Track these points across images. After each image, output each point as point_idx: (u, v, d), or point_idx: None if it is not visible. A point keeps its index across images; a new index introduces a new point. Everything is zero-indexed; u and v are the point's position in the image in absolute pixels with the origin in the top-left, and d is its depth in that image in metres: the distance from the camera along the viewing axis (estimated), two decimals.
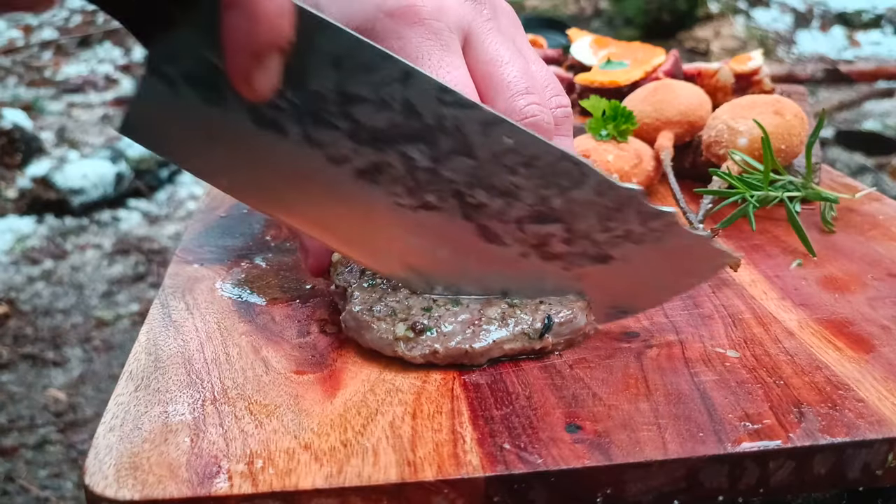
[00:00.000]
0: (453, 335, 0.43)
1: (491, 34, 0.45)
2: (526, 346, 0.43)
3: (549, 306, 0.44)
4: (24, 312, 1.85)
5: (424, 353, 0.42)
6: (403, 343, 0.42)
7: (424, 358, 0.42)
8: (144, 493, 0.34)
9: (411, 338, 0.42)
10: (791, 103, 0.64)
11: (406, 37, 0.43)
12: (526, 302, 0.44)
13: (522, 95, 0.44)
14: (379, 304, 0.44)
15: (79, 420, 1.50)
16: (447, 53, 0.43)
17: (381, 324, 0.43)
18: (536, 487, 0.35)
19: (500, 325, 0.43)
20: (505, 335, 0.43)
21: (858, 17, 3.83)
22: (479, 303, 0.44)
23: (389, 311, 0.44)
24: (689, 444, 0.36)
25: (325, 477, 0.35)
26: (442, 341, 0.42)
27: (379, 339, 0.43)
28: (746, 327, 0.47)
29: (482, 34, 0.45)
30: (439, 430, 0.38)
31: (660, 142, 0.67)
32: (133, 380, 0.43)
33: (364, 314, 0.44)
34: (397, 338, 0.43)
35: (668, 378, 0.42)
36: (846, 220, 0.62)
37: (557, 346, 0.44)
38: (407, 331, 0.43)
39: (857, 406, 0.39)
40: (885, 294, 0.51)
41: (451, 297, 0.45)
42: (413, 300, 0.44)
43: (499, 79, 0.44)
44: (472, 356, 0.42)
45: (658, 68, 0.79)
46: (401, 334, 0.43)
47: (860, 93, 2.94)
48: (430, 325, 0.43)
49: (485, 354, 0.43)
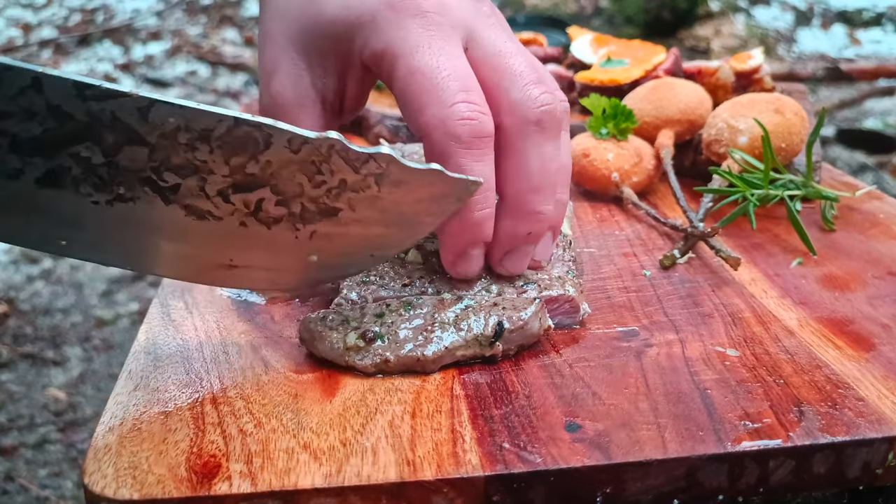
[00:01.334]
0: (405, 342, 0.42)
1: (494, 29, 0.46)
2: (477, 353, 0.43)
3: (502, 311, 0.43)
4: (24, 311, 1.85)
5: (376, 362, 0.42)
6: (354, 353, 0.42)
7: (376, 367, 0.42)
8: (144, 492, 0.34)
9: (362, 347, 0.42)
10: (791, 102, 0.64)
11: (407, 27, 0.43)
12: (480, 304, 0.44)
13: (535, 84, 0.43)
14: (332, 313, 0.44)
15: (78, 419, 1.50)
16: (447, 44, 0.43)
17: (332, 333, 0.43)
18: (536, 486, 0.35)
19: (453, 329, 0.43)
20: (457, 341, 0.42)
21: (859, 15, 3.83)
22: (432, 304, 0.44)
23: (342, 319, 0.43)
24: (689, 444, 0.36)
25: (325, 476, 0.35)
26: (393, 349, 0.42)
27: (330, 350, 0.42)
28: (746, 326, 0.47)
29: (486, 29, 0.45)
30: (439, 429, 0.38)
31: (660, 140, 0.67)
32: (132, 379, 0.43)
33: (317, 324, 0.43)
34: (348, 347, 0.42)
35: (667, 377, 0.42)
36: (846, 218, 0.62)
37: (509, 351, 0.43)
38: (357, 340, 0.42)
39: (857, 405, 0.39)
40: (886, 293, 0.51)
41: (405, 299, 0.45)
42: (369, 307, 0.44)
43: (510, 69, 0.44)
44: (424, 364, 0.42)
45: (658, 66, 0.79)
46: (351, 344, 0.42)
47: (861, 91, 2.93)
48: (382, 332, 0.42)
49: (437, 361, 0.42)
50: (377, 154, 0.38)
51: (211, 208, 0.39)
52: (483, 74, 0.44)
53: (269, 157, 0.38)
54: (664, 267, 0.55)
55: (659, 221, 0.60)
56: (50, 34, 4.24)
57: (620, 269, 0.55)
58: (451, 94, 0.41)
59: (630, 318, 0.48)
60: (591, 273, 0.54)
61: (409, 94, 0.42)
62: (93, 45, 4.14)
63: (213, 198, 0.39)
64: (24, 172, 0.37)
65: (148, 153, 0.37)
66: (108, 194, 0.38)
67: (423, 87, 0.42)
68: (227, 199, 0.39)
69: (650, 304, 0.50)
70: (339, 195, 0.39)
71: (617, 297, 0.51)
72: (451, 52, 0.43)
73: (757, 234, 0.60)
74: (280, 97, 0.47)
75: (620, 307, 0.49)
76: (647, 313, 0.48)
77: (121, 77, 3.74)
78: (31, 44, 4.11)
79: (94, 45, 4.14)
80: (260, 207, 0.39)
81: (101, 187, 0.38)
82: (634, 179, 0.66)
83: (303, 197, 0.39)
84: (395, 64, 0.42)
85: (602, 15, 4.05)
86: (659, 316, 0.48)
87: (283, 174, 0.38)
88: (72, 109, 0.35)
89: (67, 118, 0.35)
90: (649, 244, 0.59)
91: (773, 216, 0.62)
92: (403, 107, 0.43)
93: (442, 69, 0.42)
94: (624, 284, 0.52)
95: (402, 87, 0.42)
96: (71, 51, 4.08)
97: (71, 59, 3.97)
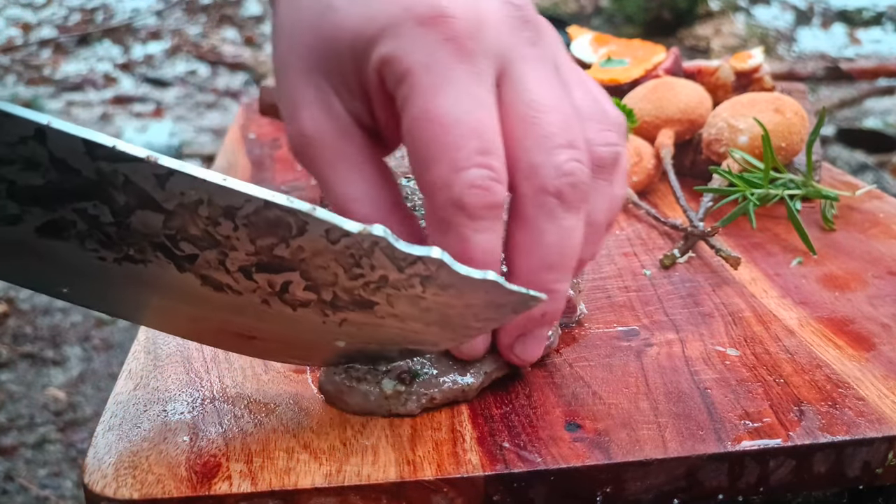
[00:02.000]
0: (443, 374, 0.40)
1: (533, 67, 0.38)
2: (506, 372, 0.41)
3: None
4: (24, 311, 1.85)
5: (421, 403, 0.39)
6: (395, 399, 0.39)
7: (422, 408, 0.39)
8: (144, 492, 0.34)
9: (402, 391, 0.39)
10: (791, 101, 0.64)
11: (433, 53, 0.36)
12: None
13: (564, 149, 0.37)
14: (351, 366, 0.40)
15: (78, 419, 1.50)
16: (475, 84, 0.36)
17: (361, 385, 0.39)
18: (536, 486, 0.35)
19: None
20: (490, 363, 0.40)
21: (859, 14, 3.83)
22: None
23: (366, 368, 0.40)
24: (689, 443, 0.36)
25: (325, 476, 0.35)
26: (436, 385, 0.39)
27: (365, 403, 0.39)
28: (746, 325, 0.47)
29: (523, 66, 0.38)
30: (439, 428, 0.38)
31: (660, 140, 0.67)
32: (132, 378, 0.43)
33: (341, 377, 0.39)
34: (387, 396, 0.39)
35: (667, 376, 0.42)
36: (847, 218, 0.62)
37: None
38: (396, 385, 0.39)
39: (857, 404, 0.39)
40: (886, 292, 0.51)
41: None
42: None
43: (538, 126, 0.37)
44: (467, 393, 0.40)
45: (658, 66, 0.78)
46: (390, 391, 0.39)
47: (861, 90, 2.93)
48: (416, 368, 0.40)
49: (478, 388, 0.40)
50: (427, 258, 0.33)
51: (231, 282, 0.35)
52: (508, 123, 0.37)
53: (302, 244, 0.33)
54: (664, 266, 0.55)
55: (659, 221, 0.60)
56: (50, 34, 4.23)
57: (621, 268, 0.55)
58: (466, 157, 0.35)
59: (630, 317, 0.48)
60: (591, 272, 0.54)
61: (417, 140, 0.36)
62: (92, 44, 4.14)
63: (234, 273, 0.35)
64: (24, 220, 0.34)
65: (163, 220, 0.33)
66: (116, 253, 0.35)
67: (435, 139, 0.36)
68: (250, 276, 0.35)
69: (650, 304, 0.50)
70: (378, 290, 0.34)
71: (617, 297, 0.51)
72: (476, 97, 0.36)
73: (757, 233, 0.60)
74: (314, 131, 0.39)
75: (621, 306, 0.49)
76: (647, 313, 0.48)
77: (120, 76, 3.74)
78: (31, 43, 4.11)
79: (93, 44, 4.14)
80: (286, 290, 0.35)
81: (109, 245, 0.34)
82: (634, 179, 0.66)
83: (336, 286, 0.35)
84: (410, 96, 0.36)
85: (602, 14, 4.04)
86: (659, 315, 0.48)
87: (316, 262, 0.34)
88: (79, 166, 0.32)
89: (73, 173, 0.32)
90: (649, 244, 0.59)
91: (773, 215, 0.62)
92: (409, 151, 0.37)
93: (462, 124, 0.35)
94: (624, 284, 0.52)
95: (411, 128, 0.36)
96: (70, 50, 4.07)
97: (70, 58, 3.97)
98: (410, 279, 0.34)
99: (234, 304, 0.36)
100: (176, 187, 0.32)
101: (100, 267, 0.35)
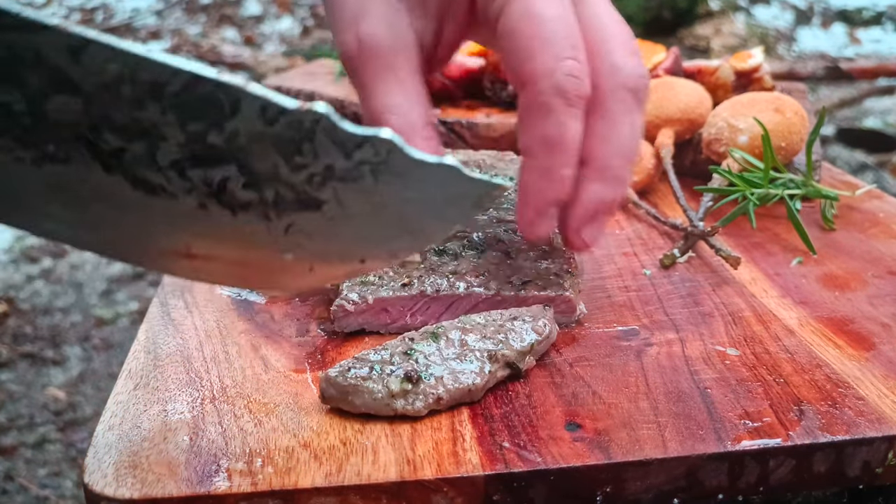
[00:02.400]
0: (449, 374, 0.39)
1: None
2: (511, 371, 0.42)
3: (523, 323, 0.42)
4: (24, 311, 1.85)
5: (428, 402, 0.38)
6: (401, 398, 0.38)
7: (428, 407, 0.39)
8: (144, 491, 0.34)
9: (409, 389, 0.38)
10: (791, 101, 0.64)
11: None
12: (502, 322, 0.42)
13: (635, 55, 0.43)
14: (354, 364, 0.40)
15: (78, 419, 1.50)
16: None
17: (367, 384, 0.38)
18: (536, 486, 0.35)
19: (488, 353, 0.41)
20: (495, 364, 0.41)
21: (859, 14, 3.83)
22: (456, 330, 0.42)
23: (369, 367, 0.39)
24: (689, 443, 0.36)
25: (325, 475, 0.35)
26: (443, 385, 0.39)
27: (372, 402, 0.38)
28: (746, 325, 0.47)
29: None
30: (439, 428, 0.38)
31: (660, 139, 0.67)
32: (132, 378, 0.43)
33: (345, 378, 0.39)
34: (394, 395, 0.38)
35: (667, 376, 0.42)
36: (846, 217, 0.62)
37: (530, 364, 0.42)
38: (403, 383, 0.39)
39: (857, 404, 0.39)
40: (886, 292, 0.51)
41: (429, 331, 0.41)
42: (389, 345, 0.41)
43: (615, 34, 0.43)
44: (474, 393, 0.40)
45: (658, 66, 0.78)
46: (397, 389, 0.38)
47: (861, 90, 2.93)
48: (422, 368, 0.39)
49: (484, 388, 0.40)
50: (376, 138, 0.31)
51: (163, 182, 0.32)
52: (586, 34, 0.42)
53: (237, 127, 0.31)
54: (664, 266, 0.55)
55: (659, 221, 0.60)
56: None
57: (621, 268, 0.55)
58: (563, 49, 0.40)
59: (630, 317, 0.48)
60: (591, 272, 0.54)
61: (519, 36, 0.41)
62: None
63: (166, 170, 0.32)
64: None
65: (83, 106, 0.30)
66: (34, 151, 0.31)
67: (536, 34, 0.40)
68: (184, 173, 0.32)
69: (650, 304, 0.50)
70: (324, 184, 0.32)
71: (617, 297, 0.51)
72: (566, 4, 0.41)
73: (757, 233, 0.60)
74: (372, 40, 0.43)
75: (621, 306, 0.49)
76: (647, 312, 0.48)
77: None
78: None
79: None
80: (223, 188, 0.32)
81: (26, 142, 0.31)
82: (634, 179, 0.66)
83: (278, 182, 0.32)
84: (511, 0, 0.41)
85: None
86: (659, 315, 0.48)
87: (254, 150, 0.31)
88: None
89: None
90: (649, 243, 0.59)
91: (773, 215, 0.62)
92: (509, 49, 0.41)
93: (558, 20, 0.40)
94: (624, 283, 0.52)
95: (514, 27, 0.41)
96: None
97: None
98: (359, 167, 0.31)
99: (169, 211, 0.33)
100: (93, 61, 0.29)
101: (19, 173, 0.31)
